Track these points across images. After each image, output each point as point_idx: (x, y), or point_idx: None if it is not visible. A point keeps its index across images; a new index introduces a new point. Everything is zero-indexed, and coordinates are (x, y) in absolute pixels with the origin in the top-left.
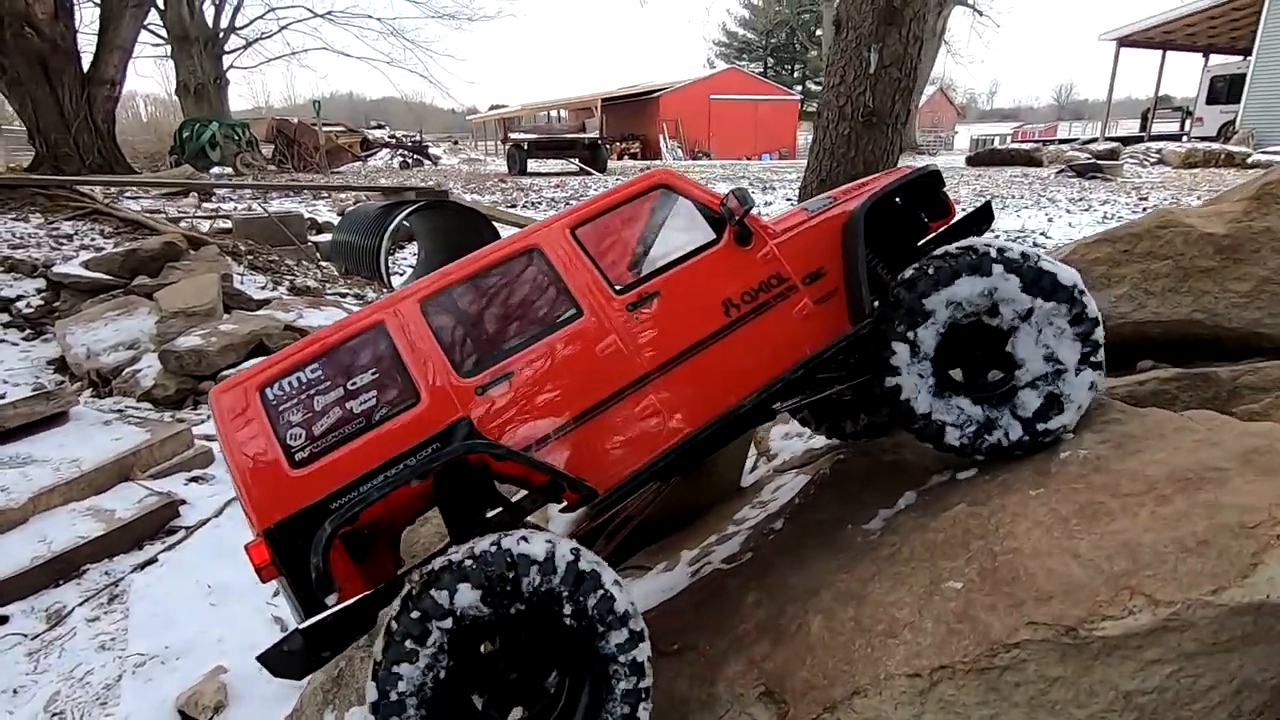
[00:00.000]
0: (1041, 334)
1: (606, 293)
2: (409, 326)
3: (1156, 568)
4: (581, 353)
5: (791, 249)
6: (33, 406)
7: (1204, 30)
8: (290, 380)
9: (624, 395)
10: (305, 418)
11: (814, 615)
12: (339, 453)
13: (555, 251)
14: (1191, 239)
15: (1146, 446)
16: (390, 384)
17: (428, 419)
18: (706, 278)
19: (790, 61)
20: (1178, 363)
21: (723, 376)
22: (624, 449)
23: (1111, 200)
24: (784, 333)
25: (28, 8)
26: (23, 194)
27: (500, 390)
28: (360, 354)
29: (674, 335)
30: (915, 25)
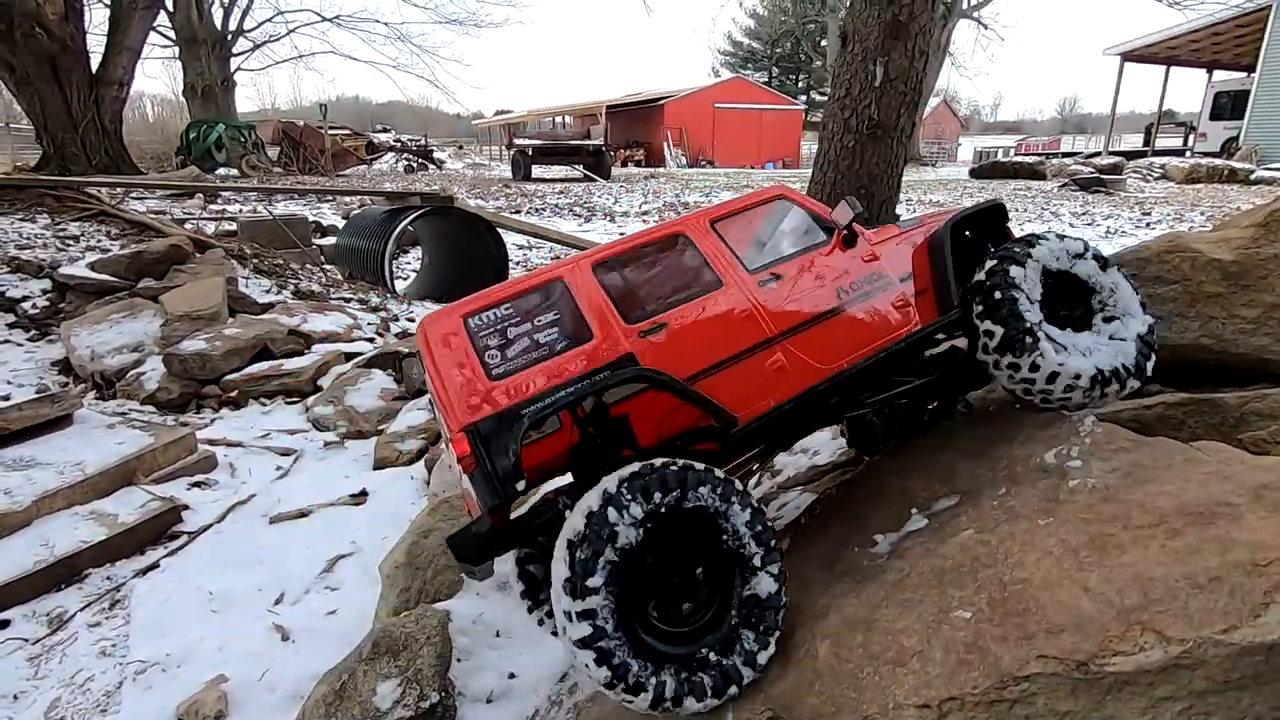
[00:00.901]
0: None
1: (741, 271)
2: (583, 281)
3: (1168, 603)
4: (723, 314)
5: (890, 254)
6: (37, 409)
7: (1208, 46)
8: (488, 314)
9: (755, 351)
10: (500, 343)
11: (822, 640)
12: (527, 372)
13: (698, 236)
14: (1199, 264)
15: (1156, 477)
16: (569, 324)
17: (599, 352)
18: (821, 268)
19: (795, 71)
20: (1185, 387)
21: (834, 345)
22: (756, 391)
23: (1115, 215)
24: (884, 315)
25: (38, 8)
26: (30, 194)
27: (658, 336)
28: (545, 300)
29: (795, 308)
30: (921, 39)
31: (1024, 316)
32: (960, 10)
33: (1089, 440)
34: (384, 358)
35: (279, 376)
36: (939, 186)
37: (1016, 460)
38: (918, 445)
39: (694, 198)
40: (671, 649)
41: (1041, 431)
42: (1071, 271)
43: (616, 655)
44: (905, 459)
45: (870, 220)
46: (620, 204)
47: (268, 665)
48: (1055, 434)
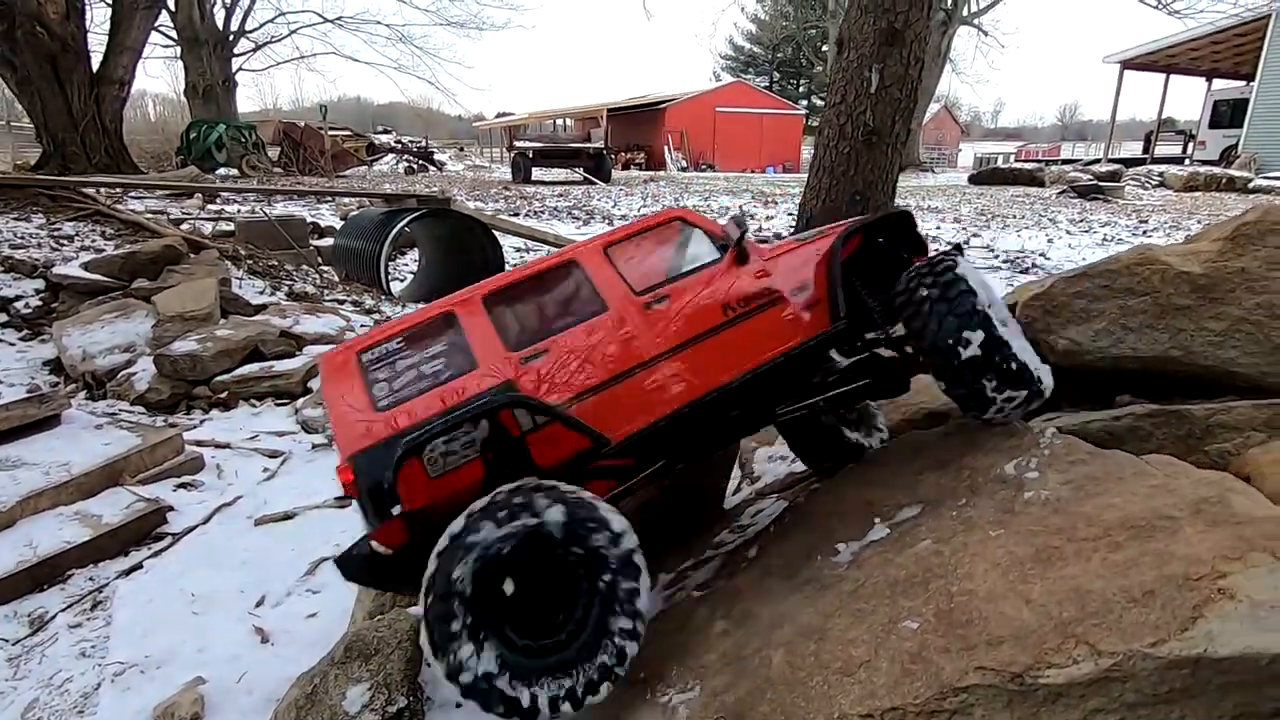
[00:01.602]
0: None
1: (627, 294)
2: (473, 313)
3: (1103, 616)
4: (603, 337)
5: (782, 268)
6: (25, 409)
7: (1208, 55)
8: (381, 348)
9: (634, 372)
10: (389, 376)
11: (776, 649)
12: (411, 403)
13: (589, 263)
14: (1169, 277)
15: (1105, 490)
16: (456, 355)
17: (482, 379)
18: (710, 286)
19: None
20: (1155, 398)
21: (715, 362)
22: (634, 411)
23: (1112, 222)
24: (769, 329)
25: (39, 7)
26: (26, 194)
27: (539, 363)
28: (436, 333)
29: (678, 328)
30: (916, 46)
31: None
32: (961, 17)
33: (1048, 452)
34: None
35: (269, 378)
36: (938, 193)
37: (979, 471)
38: (886, 455)
39: (693, 201)
40: (531, 660)
41: (1005, 442)
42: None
43: (466, 667)
44: (873, 468)
45: None
46: (619, 207)
47: (246, 667)
48: (1017, 445)
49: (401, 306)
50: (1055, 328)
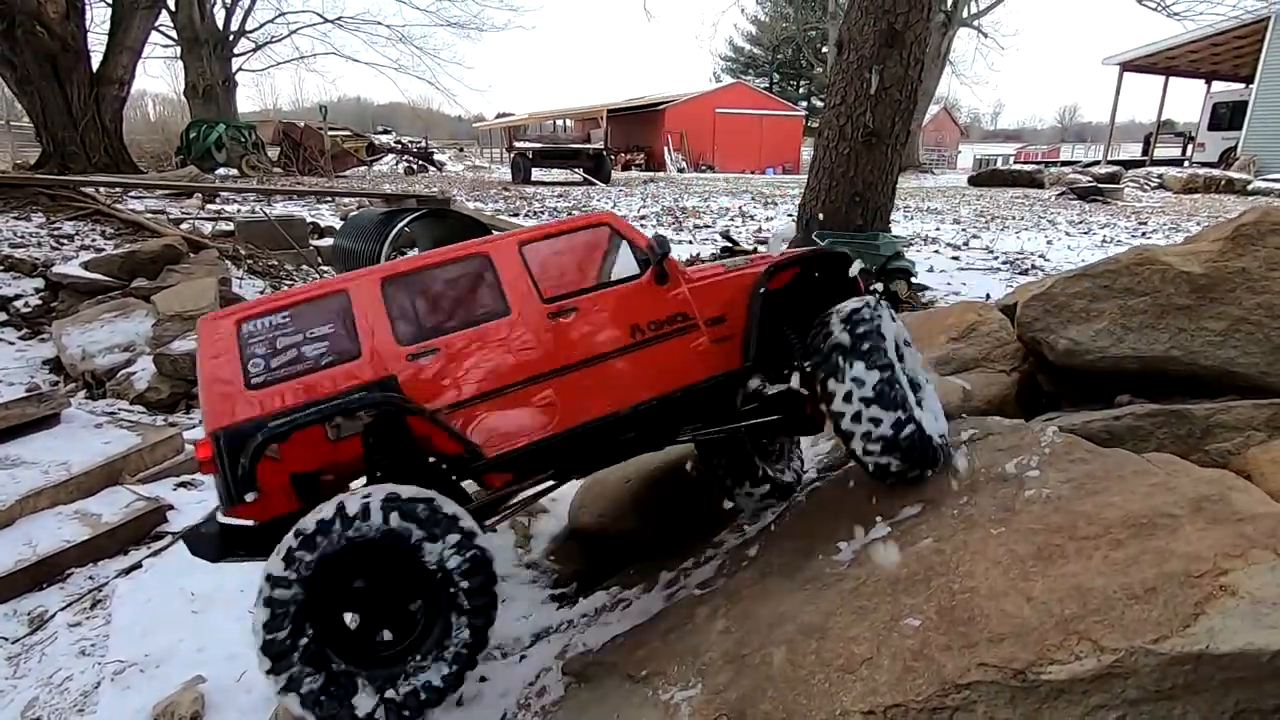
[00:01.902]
0: None
1: (534, 299)
2: (367, 296)
3: (1105, 613)
4: (500, 343)
5: (703, 295)
6: (24, 408)
7: (1207, 57)
8: (263, 320)
9: (525, 385)
10: (267, 352)
11: (777, 647)
12: (285, 385)
13: (501, 260)
14: (1169, 277)
15: (1106, 488)
16: (341, 339)
17: (362, 370)
18: (621, 303)
19: (796, 78)
20: (1155, 398)
21: (613, 386)
22: (516, 427)
23: (1111, 224)
24: (676, 358)
25: (39, 7)
26: (26, 193)
27: (427, 360)
28: (324, 312)
29: (581, 344)
30: (916, 48)
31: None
32: (960, 18)
33: (1049, 450)
34: None
35: None
36: (937, 194)
37: (979, 468)
38: None
39: (692, 202)
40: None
41: (1006, 441)
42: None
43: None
44: None
45: (865, 226)
46: (619, 207)
47: (246, 666)
48: (1018, 444)
49: None
50: (1056, 327)
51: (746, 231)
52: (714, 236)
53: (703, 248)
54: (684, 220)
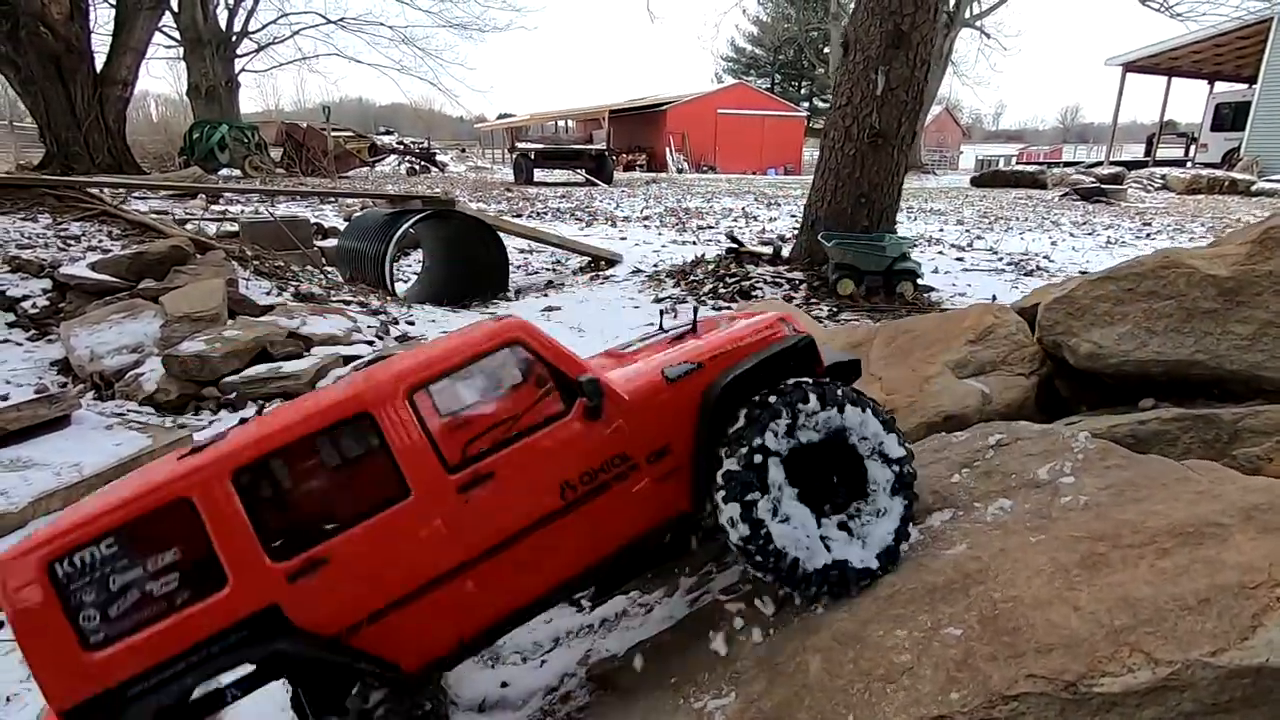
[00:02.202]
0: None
1: (438, 472)
2: (218, 499)
3: (1157, 624)
4: (403, 539)
5: (642, 423)
6: (35, 410)
7: (1210, 58)
8: (82, 555)
9: (442, 582)
10: (101, 598)
11: (812, 655)
12: (136, 637)
13: (387, 419)
14: (1194, 280)
15: (1148, 495)
16: (196, 565)
17: (234, 605)
18: (546, 456)
19: (797, 78)
20: (1180, 402)
21: (544, 561)
22: (437, 633)
23: (1115, 225)
24: (615, 516)
25: (43, 8)
26: (32, 194)
27: (314, 576)
28: (164, 529)
29: (502, 521)
30: (922, 49)
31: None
32: (963, 19)
33: (1082, 456)
34: None
35: (278, 379)
36: (940, 195)
37: (1010, 474)
38: None
39: (696, 203)
40: None
41: (1036, 446)
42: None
43: None
44: None
45: (871, 227)
46: (622, 209)
47: None
48: (1050, 449)
49: (407, 307)
50: (1078, 331)
51: (750, 232)
52: (718, 238)
53: (707, 248)
54: (687, 221)
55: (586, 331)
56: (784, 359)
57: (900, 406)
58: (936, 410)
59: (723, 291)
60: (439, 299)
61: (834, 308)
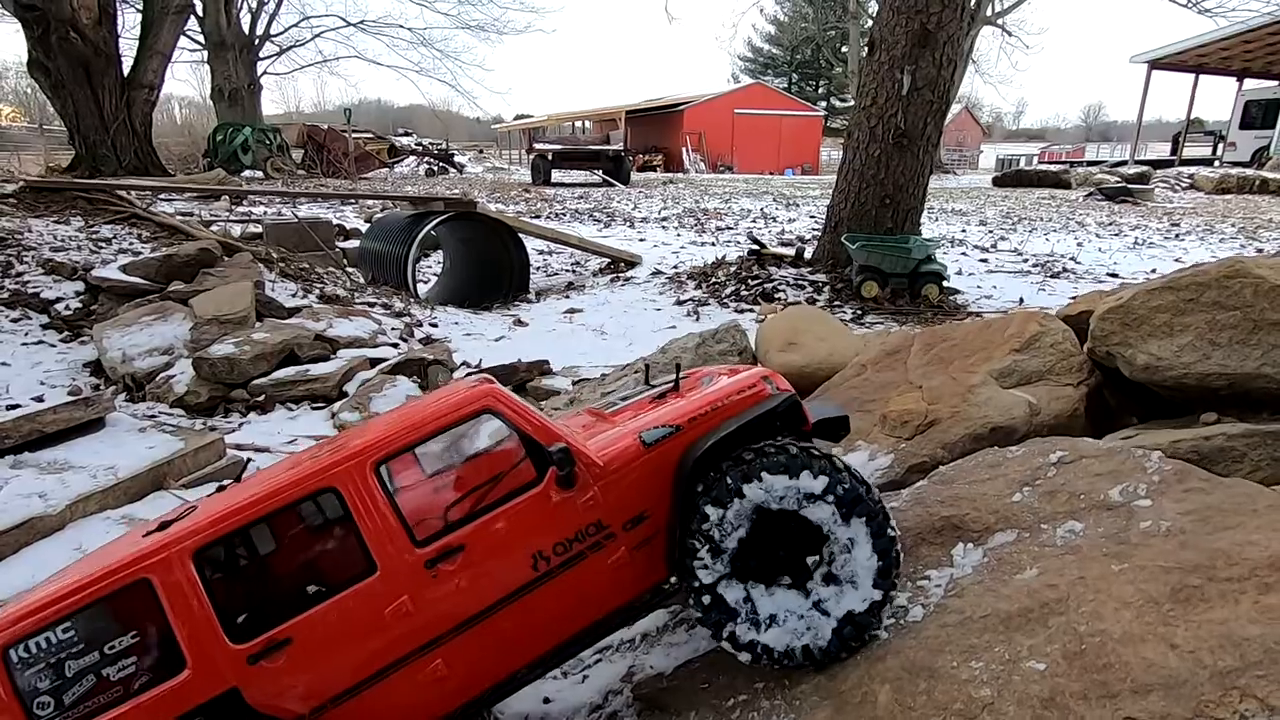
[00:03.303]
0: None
1: (406, 546)
2: (177, 581)
3: (1268, 667)
4: (368, 617)
5: (617, 489)
6: (72, 412)
7: (1239, 54)
8: (39, 640)
9: (410, 660)
10: (55, 684)
11: (880, 684)
12: None
13: (353, 494)
14: (1262, 290)
15: (1238, 524)
16: (152, 648)
17: (192, 689)
18: (518, 527)
19: (815, 78)
20: (1244, 416)
21: (515, 637)
22: (407, 713)
23: (1143, 225)
24: (590, 587)
25: (73, 13)
26: (64, 197)
27: (276, 659)
28: (121, 611)
29: (471, 596)
30: (949, 48)
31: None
32: (984, 17)
33: (1157, 478)
34: (408, 364)
35: (305, 381)
36: (961, 195)
37: (1076, 494)
38: (962, 471)
39: (714, 204)
40: None
41: (1103, 465)
42: (800, 514)
43: None
44: (951, 485)
45: (895, 229)
46: (640, 209)
47: None
48: (1119, 469)
49: (430, 309)
50: (1134, 342)
51: (770, 234)
52: (737, 239)
53: (727, 250)
54: (706, 222)
55: (609, 335)
56: (768, 419)
57: (943, 417)
58: (983, 421)
59: (745, 294)
60: (460, 300)
61: (858, 310)
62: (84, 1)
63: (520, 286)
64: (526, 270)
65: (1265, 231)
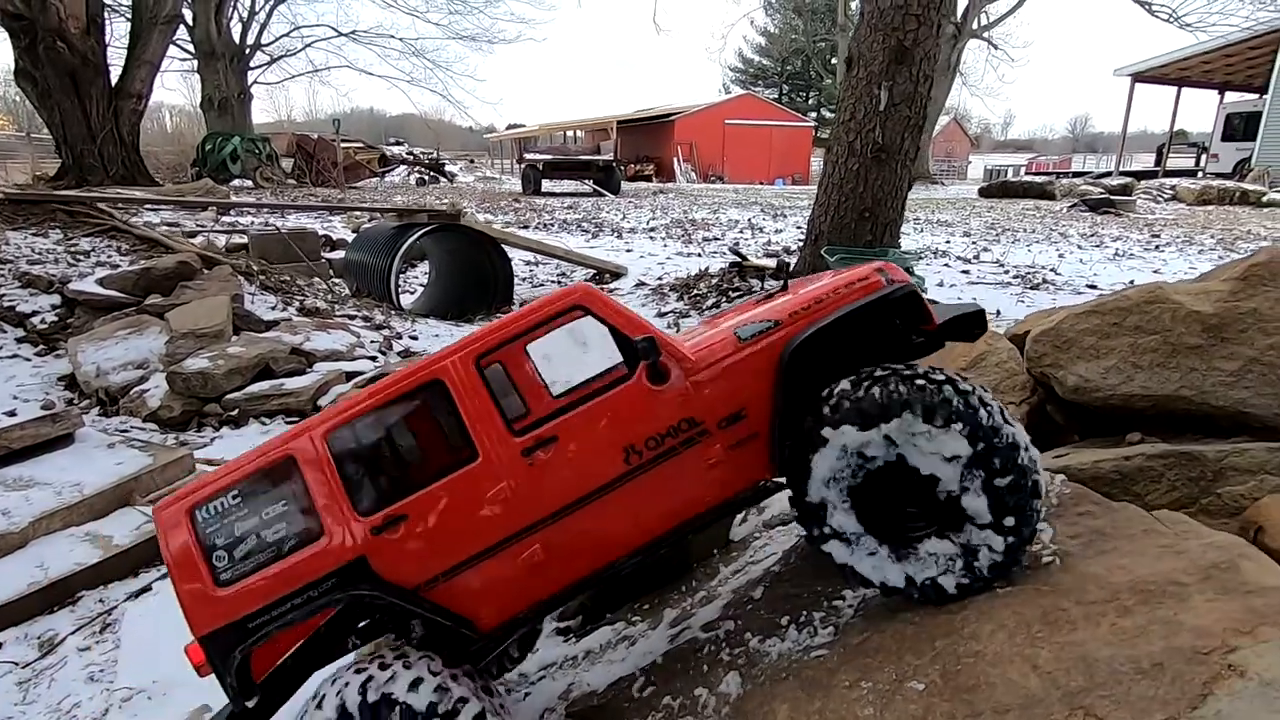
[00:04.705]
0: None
1: (504, 435)
2: (315, 457)
3: (1111, 688)
4: (473, 499)
5: (711, 386)
6: (39, 428)
7: (1220, 68)
8: (215, 504)
9: (510, 543)
10: (228, 542)
11: (780, 703)
12: (253, 578)
13: (457, 385)
14: (1179, 316)
15: (1115, 548)
16: (297, 516)
17: (329, 554)
18: (610, 420)
19: (805, 89)
20: (1166, 436)
21: (611, 530)
22: (508, 593)
23: (1124, 236)
24: (685, 485)
25: (61, 23)
26: (44, 209)
27: (394, 532)
28: (274, 484)
29: (566, 485)
30: (925, 64)
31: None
32: (971, 30)
33: (1057, 501)
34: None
35: (279, 396)
36: (948, 206)
37: None
38: None
39: (702, 214)
40: None
41: None
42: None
43: None
44: None
45: (874, 241)
46: (628, 220)
47: None
48: None
49: (411, 322)
50: (1065, 363)
51: (756, 244)
52: (723, 250)
53: (712, 261)
54: (693, 233)
55: (590, 346)
56: (881, 312)
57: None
58: None
59: (725, 306)
60: (445, 311)
61: None
62: (72, 11)
63: (505, 298)
64: (511, 281)
65: (1243, 243)
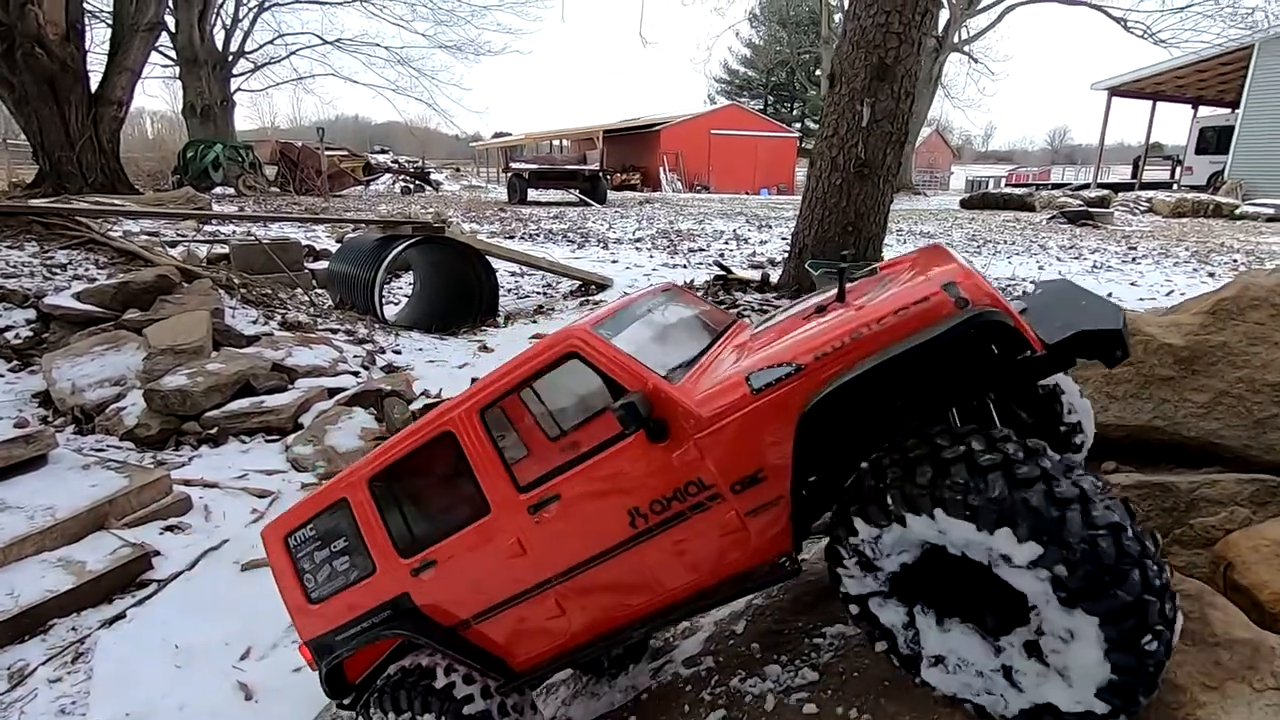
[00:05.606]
0: None
1: (510, 490)
2: (361, 501)
3: None
4: (488, 552)
5: (719, 444)
6: (11, 450)
7: (1193, 82)
8: (300, 533)
9: (528, 596)
10: (313, 566)
11: None
12: (333, 601)
13: (465, 437)
14: (1151, 348)
15: None
16: (357, 553)
17: (382, 588)
18: (609, 480)
19: (790, 100)
20: (1141, 466)
21: (621, 592)
22: (534, 643)
23: (1101, 249)
24: (695, 551)
25: (40, 28)
26: (20, 221)
27: (429, 574)
28: (336, 522)
29: (573, 544)
30: (907, 81)
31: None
32: (952, 44)
33: None
34: (366, 395)
35: (260, 414)
36: (930, 217)
37: None
38: None
39: (687, 224)
40: None
41: None
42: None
43: None
44: None
45: (857, 255)
46: (614, 230)
47: None
48: None
49: (394, 335)
50: None
51: (741, 255)
52: (709, 260)
53: (697, 272)
54: (679, 244)
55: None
56: (953, 345)
57: None
58: None
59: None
60: (429, 323)
61: None
62: (51, 17)
63: (489, 310)
64: (496, 293)
65: (1217, 255)
